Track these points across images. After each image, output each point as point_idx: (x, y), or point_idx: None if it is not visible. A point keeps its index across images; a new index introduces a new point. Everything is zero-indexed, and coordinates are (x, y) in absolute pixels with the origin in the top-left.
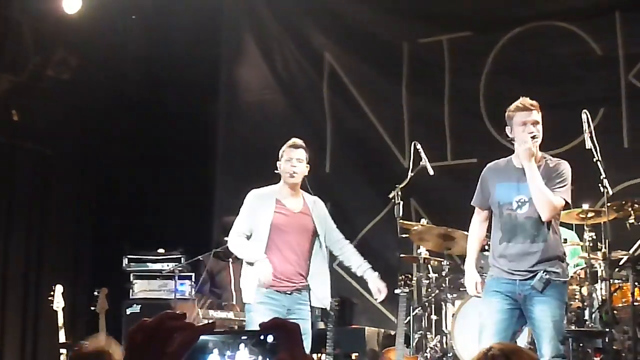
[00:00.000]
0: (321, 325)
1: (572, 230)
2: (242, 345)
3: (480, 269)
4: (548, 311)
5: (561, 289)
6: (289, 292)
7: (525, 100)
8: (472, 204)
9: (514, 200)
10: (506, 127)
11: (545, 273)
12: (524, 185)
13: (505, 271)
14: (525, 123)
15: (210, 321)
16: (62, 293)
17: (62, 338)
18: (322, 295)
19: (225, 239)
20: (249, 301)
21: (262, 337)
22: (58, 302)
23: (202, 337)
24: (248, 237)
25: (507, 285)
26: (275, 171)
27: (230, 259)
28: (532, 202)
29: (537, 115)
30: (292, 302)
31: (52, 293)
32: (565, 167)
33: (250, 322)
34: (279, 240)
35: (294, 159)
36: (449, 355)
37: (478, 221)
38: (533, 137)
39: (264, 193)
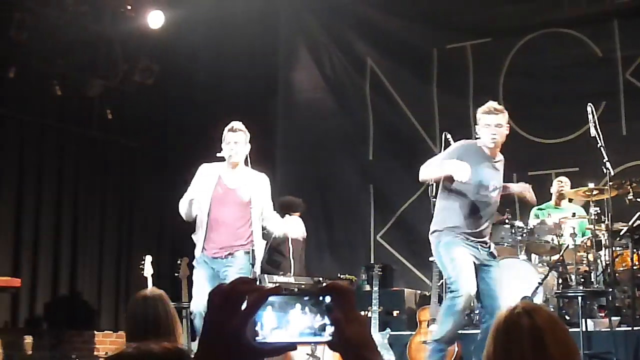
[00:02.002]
0: (367, 287)
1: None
2: (297, 305)
3: (501, 239)
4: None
5: None
6: (222, 257)
7: (492, 104)
8: (441, 158)
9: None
10: (476, 125)
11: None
12: (496, 173)
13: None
14: (488, 125)
15: (276, 285)
16: (151, 262)
17: None
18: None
19: (286, 215)
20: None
21: (320, 298)
22: (148, 270)
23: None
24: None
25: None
26: (218, 154)
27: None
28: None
29: (502, 119)
30: (221, 265)
31: (142, 262)
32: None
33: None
34: (216, 210)
35: (232, 142)
36: (475, 312)
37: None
38: (493, 139)
39: (210, 168)
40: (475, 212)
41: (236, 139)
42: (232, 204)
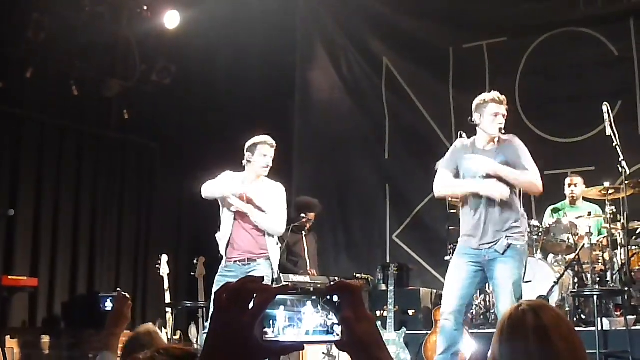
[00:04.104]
0: (383, 287)
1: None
2: (308, 303)
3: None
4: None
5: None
6: (245, 263)
7: (497, 94)
8: (441, 166)
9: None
10: (474, 113)
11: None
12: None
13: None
14: (497, 114)
15: (285, 284)
16: (167, 262)
17: (167, 299)
18: (275, 264)
19: (302, 215)
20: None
21: (329, 297)
22: (164, 269)
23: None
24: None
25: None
26: (244, 162)
27: (304, 232)
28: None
29: (504, 109)
30: (244, 272)
31: (158, 262)
32: (518, 142)
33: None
34: (240, 219)
35: (268, 156)
36: (491, 311)
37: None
38: (500, 129)
39: (234, 175)
40: (471, 209)
41: (272, 154)
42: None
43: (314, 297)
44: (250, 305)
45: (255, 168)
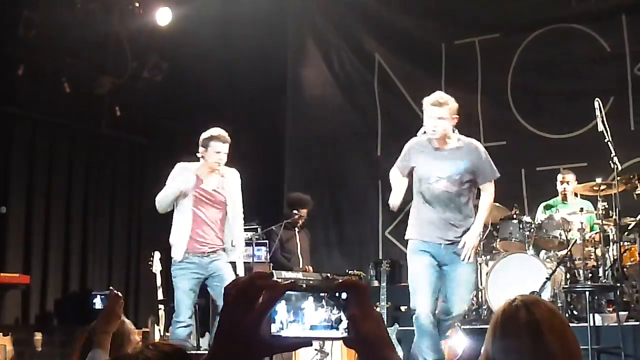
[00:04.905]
0: (375, 283)
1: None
2: (310, 298)
3: (509, 234)
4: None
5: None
6: (205, 255)
7: (436, 96)
8: (396, 167)
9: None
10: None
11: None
12: (441, 163)
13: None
14: (431, 117)
15: (291, 280)
16: (160, 258)
17: (159, 296)
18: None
19: (294, 211)
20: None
21: (336, 295)
22: (156, 266)
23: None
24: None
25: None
26: (198, 154)
27: (297, 229)
28: (448, 179)
29: (444, 112)
30: (207, 260)
31: (151, 258)
32: (482, 149)
33: (175, 283)
34: (199, 211)
35: (222, 152)
36: (483, 307)
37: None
38: (433, 131)
39: (188, 167)
40: (430, 206)
41: (226, 150)
42: (211, 204)
43: (321, 294)
44: (259, 302)
45: (209, 163)
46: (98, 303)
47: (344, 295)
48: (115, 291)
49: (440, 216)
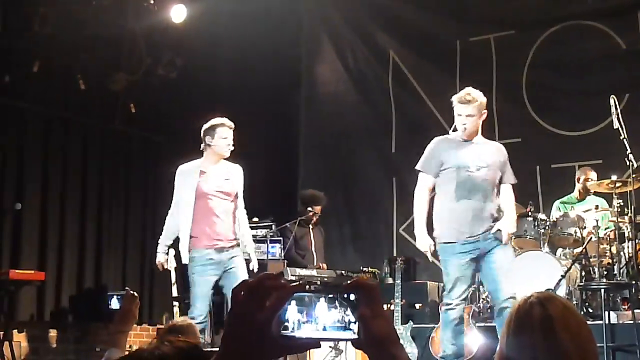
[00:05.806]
0: (389, 280)
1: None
2: (323, 300)
3: (524, 232)
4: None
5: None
6: (225, 250)
7: (465, 93)
8: (423, 177)
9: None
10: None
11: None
12: (479, 153)
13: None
14: (460, 115)
15: (301, 281)
16: (174, 255)
17: (174, 293)
18: (249, 249)
19: (308, 208)
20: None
21: (346, 295)
22: (171, 263)
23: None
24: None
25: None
26: (202, 146)
27: (311, 226)
28: (489, 168)
29: (473, 109)
30: (227, 255)
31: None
32: (505, 153)
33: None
34: (205, 205)
35: (229, 138)
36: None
37: (425, 187)
38: (464, 129)
39: (187, 168)
40: (466, 198)
41: (232, 136)
42: (220, 197)
43: (330, 295)
44: (267, 302)
45: (218, 150)
46: (114, 303)
47: (353, 296)
48: (131, 291)
49: (479, 206)
